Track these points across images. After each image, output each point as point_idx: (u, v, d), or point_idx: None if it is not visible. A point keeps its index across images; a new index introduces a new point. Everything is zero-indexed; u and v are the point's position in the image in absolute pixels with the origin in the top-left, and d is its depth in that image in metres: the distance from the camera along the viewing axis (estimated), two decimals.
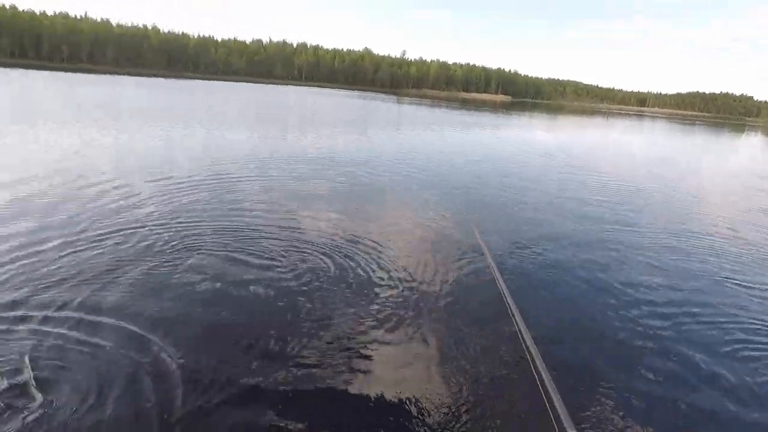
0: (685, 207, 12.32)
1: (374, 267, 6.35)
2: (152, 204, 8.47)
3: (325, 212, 8.90)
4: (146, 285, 5.33)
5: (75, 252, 6.08)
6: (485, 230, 8.63)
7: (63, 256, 5.93)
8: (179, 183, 10.26)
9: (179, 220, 7.70)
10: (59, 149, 12.87)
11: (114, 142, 15.36)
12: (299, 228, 7.78)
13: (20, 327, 4.35)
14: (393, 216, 9.10)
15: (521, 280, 6.37)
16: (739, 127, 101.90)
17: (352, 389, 3.91)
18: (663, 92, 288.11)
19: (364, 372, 4.14)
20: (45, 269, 5.53)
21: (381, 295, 5.53)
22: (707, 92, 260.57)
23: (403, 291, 5.72)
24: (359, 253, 6.82)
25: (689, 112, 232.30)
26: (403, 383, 4.02)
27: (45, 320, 4.48)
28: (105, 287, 5.20)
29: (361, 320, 4.96)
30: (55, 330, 4.34)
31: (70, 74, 72.59)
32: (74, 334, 4.31)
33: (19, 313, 4.57)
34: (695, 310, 5.94)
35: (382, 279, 6.00)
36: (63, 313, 4.62)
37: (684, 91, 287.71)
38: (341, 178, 12.18)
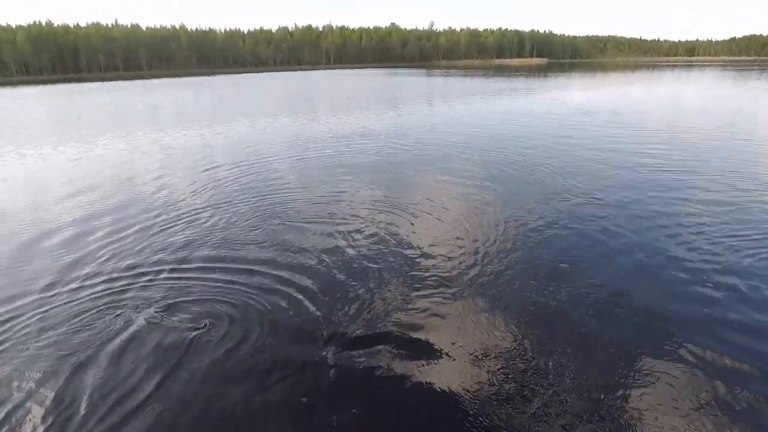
0: None
1: (427, 238, 6.33)
2: (223, 186, 9.39)
3: (379, 186, 9.13)
4: (243, 242, 6.36)
5: (181, 224, 7.18)
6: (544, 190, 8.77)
7: (169, 228, 7.02)
8: (251, 165, 11.28)
9: (262, 195, 8.63)
10: (128, 151, 14.13)
11: (182, 139, 16.96)
12: (363, 200, 8.15)
13: (163, 277, 5.41)
14: (446, 185, 9.18)
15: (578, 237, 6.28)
16: None
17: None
18: (714, 39, 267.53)
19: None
20: (159, 237, 6.68)
21: (438, 267, 5.49)
22: (765, 34, 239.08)
23: (460, 263, 5.57)
24: (409, 220, 6.98)
25: (744, 58, 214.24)
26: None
27: (186, 272, 5.52)
28: (207, 246, 6.25)
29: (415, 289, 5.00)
30: (199, 280, 5.32)
31: (109, 83, 76.18)
32: (217, 282, 5.25)
33: (162, 267, 5.67)
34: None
35: (439, 250, 5.93)
36: (196, 266, 5.63)
37: (739, 35, 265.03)
38: (392, 153, 12.82)
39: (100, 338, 4.25)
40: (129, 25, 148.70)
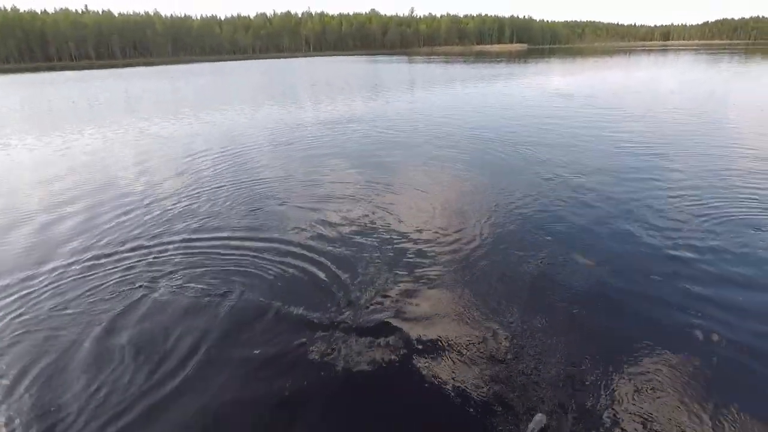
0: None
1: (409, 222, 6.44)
2: (212, 171, 9.73)
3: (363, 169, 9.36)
4: (233, 221, 6.71)
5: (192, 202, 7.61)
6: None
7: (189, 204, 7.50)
8: (238, 152, 11.53)
9: (255, 178, 8.96)
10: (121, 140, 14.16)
11: (170, 128, 17.09)
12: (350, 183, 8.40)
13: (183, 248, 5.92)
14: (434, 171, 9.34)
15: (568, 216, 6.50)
16: None
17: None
18: (688, 23, 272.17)
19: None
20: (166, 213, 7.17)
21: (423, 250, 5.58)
22: (736, 18, 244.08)
23: (445, 247, 5.67)
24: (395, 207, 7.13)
25: (717, 41, 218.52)
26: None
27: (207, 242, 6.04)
28: (198, 224, 6.65)
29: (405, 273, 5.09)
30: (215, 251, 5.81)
31: (81, 72, 73.62)
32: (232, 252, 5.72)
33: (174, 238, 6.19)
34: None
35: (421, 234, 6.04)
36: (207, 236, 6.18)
37: (711, 19, 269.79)
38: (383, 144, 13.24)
39: (113, 312, 4.52)
40: (100, 12, 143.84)
